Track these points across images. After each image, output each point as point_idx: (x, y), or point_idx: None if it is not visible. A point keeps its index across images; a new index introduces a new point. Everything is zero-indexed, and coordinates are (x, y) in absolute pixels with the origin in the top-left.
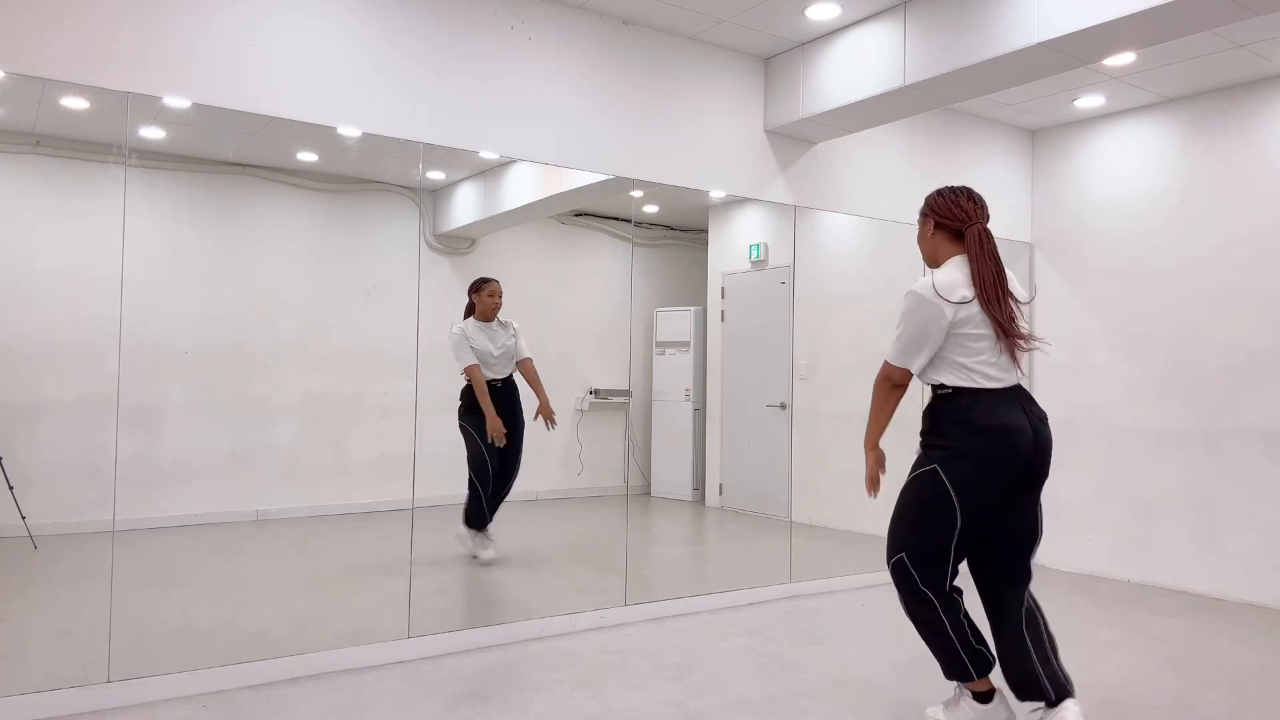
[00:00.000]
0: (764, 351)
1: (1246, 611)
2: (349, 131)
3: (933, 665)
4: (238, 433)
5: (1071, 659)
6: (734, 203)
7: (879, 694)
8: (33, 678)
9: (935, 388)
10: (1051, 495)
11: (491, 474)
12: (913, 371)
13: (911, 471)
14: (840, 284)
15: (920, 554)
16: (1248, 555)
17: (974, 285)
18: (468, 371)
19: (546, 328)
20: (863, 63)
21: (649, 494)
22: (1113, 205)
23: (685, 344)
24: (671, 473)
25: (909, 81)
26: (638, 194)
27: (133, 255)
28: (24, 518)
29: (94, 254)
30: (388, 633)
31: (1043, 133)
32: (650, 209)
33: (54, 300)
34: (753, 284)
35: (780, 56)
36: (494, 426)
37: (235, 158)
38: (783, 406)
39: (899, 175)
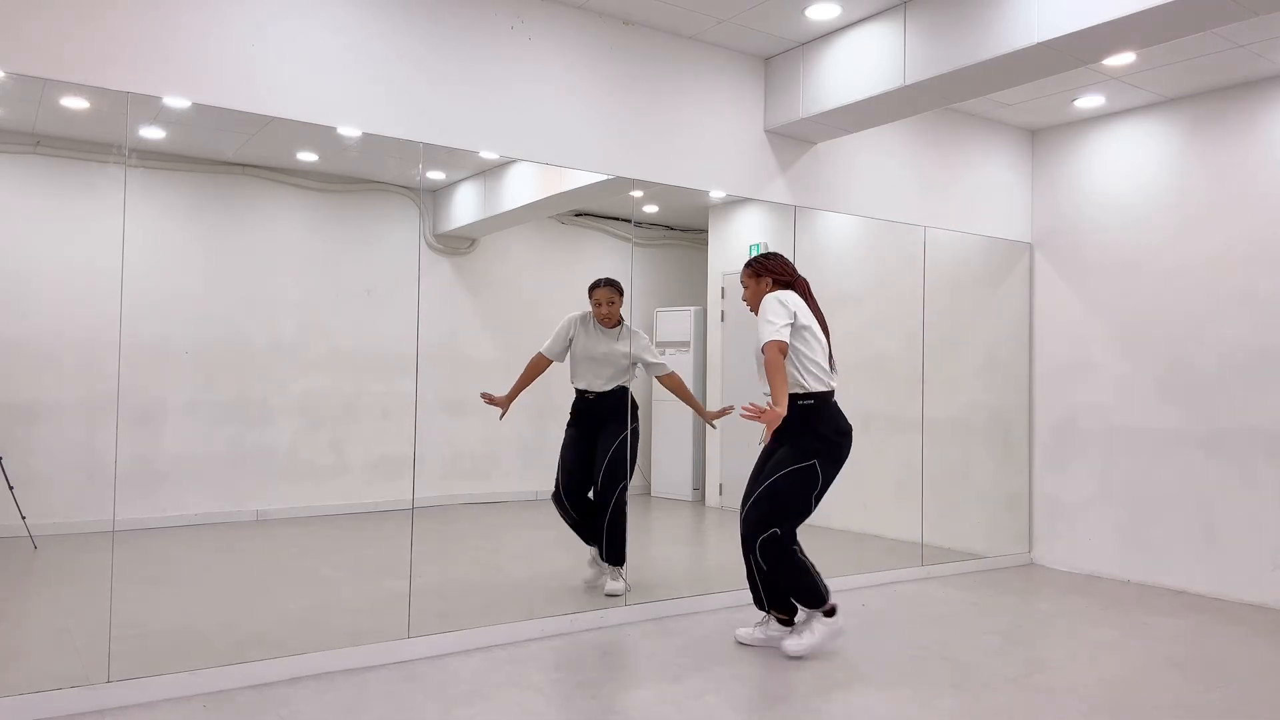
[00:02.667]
0: None
1: (1246, 611)
2: (349, 131)
3: (933, 664)
4: (238, 433)
5: (1072, 659)
6: (734, 203)
7: (879, 693)
8: (33, 678)
9: (799, 398)
10: (1051, 495)
11: (564, 491)
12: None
13: (791, 463)
14: (840, 284)
15: (791, 528)
16: (1248, 555)
17: (814, 318)
18: (534, 359)
19: (546, 328)
20: (863, 63)
21: (649, 494)
22: (1113, 205)
23: (685, 344)
24: (671, 473)
25: (909, 81)
26: (638, 194)
27: (133, 255)
28: (24, 518)
29: (94, 254)
30: (388, 633)
31: (1043, 133)
32: (650, 209)
33: (54, 300)
34: None
35: (780, 56)
36: (487, 398)
37: (235, 158)
38: None
39: (899, 175)
